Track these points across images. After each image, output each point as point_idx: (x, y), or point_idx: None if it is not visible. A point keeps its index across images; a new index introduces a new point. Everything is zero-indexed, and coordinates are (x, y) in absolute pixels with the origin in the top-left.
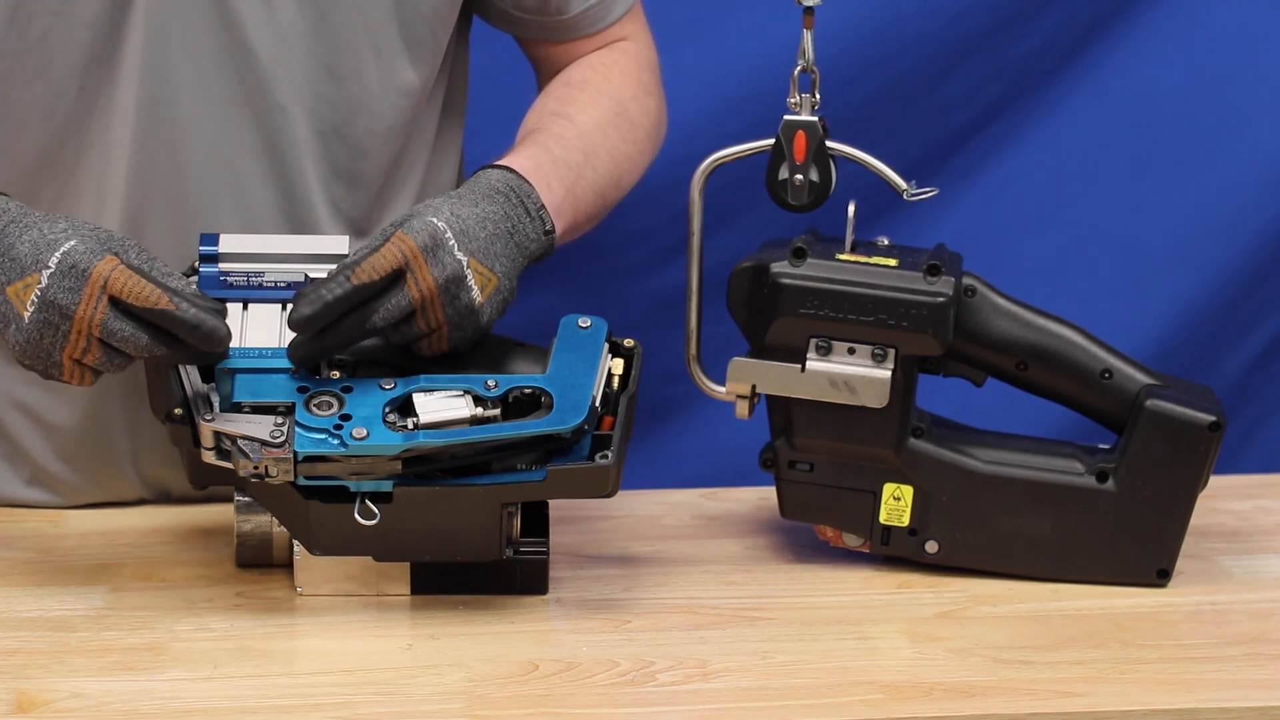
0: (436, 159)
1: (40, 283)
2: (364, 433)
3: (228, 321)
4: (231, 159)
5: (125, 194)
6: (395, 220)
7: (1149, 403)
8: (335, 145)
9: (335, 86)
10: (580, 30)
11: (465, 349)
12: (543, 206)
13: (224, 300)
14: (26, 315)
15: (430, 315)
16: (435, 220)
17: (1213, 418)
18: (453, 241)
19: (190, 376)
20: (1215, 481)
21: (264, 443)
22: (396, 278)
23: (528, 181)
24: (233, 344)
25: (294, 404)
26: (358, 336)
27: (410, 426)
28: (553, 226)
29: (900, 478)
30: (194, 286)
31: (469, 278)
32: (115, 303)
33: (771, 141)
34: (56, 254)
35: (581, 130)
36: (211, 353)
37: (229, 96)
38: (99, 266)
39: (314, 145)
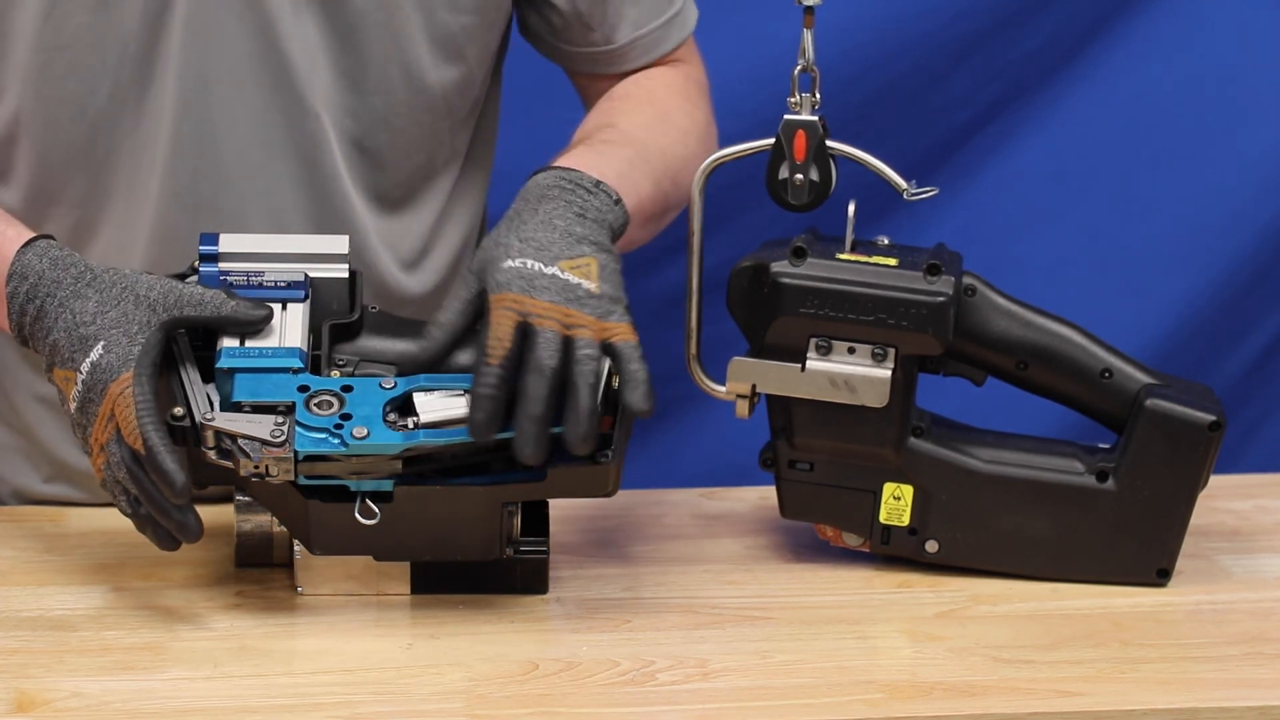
0: (463, 184)
1: (76, 386)
2: (364, 432)
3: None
4: (265, 164)
5: (157, 194)
6: (473, 282)
7: (1149, 402)
8: (358, 156)
9: (359, 98)
10: (630, 62)
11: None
12: (600, 181)
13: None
14: (71, 407)
15: (579, 325)
16: (510, 261)
17: (1213, 417)
18: (536, 264)
19: (190, 376)
20: (1215, 481)
21: (264, 442)
22: (526, 331)
23: (575, 169)
24: (233, 344)
25: (294, 403)
26: (546, 395)
27: (411, 426)
28: (619, 196)
29: (900, 477)
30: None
31: (570, 277)
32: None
33: (771, 141)
34: (87, 361)
35: (625, 131)
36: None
37: (264, 102)
38: (111, 389)
39: (342, 155)
